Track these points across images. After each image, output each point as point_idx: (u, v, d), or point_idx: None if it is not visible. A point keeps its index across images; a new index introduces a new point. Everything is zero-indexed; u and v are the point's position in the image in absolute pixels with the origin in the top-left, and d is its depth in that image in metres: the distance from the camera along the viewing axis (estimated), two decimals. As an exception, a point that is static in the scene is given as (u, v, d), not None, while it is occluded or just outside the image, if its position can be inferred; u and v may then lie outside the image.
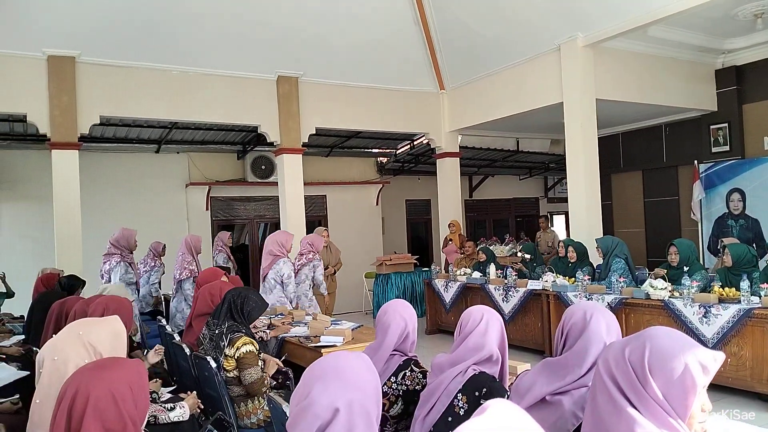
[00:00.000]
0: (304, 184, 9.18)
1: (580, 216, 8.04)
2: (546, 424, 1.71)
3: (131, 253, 5.92)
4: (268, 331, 4.14)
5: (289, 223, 8.89)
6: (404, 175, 13.01)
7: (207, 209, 10.56)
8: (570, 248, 6.90)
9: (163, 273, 7.00)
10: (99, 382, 1.51)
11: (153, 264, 6.71)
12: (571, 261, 6.76)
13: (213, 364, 3.06)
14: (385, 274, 9.52)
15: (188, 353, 3.38)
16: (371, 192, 12.24)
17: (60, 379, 1.71)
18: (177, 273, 5.98)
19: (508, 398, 2.07)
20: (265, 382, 3.17)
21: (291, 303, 5.44)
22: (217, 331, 3.21)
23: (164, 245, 7.22)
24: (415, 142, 11.57)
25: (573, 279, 6.15)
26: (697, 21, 8.00)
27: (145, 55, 7.76)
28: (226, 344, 3.14)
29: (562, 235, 12.21)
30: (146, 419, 2.78)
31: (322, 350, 3.63)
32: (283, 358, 3.60)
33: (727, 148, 9.60)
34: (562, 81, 8.16)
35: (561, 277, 6.29)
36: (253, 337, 3.27)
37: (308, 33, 8.47)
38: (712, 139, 9.81)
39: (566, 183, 15.22)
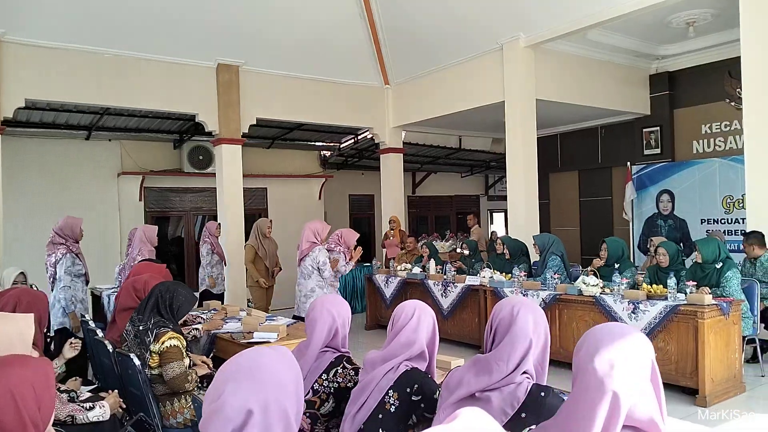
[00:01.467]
0: (244, 176, 8.96)
1: (519, 214, 8.18)
2: (475, 421, 1.68)
3: (77, 242, 5.47)
4: (200, 326, 3.99)
5: (227, 216, 8.66)
6: (348, 170, 12.93)
7: (140, 200, 10.16)
8: (503, 245, 7.08)
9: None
10: (18, 380, 1.39)
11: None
12: (506, 258, 6.88)
13: (136, 362, 2.90)
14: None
15: (111, 350, 3.21)
16: (314, 186, 12.09)
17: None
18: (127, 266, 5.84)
19: (438, 394, 2.04)
20: (189, 378, 3.03)
21: (326, 287, 5.77)
22: (141, 327, 3.05)
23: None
24: (359, 137, 11.51)
25: (510, 275, 6.24)
26: (633, 27, 8.27)
27: (75, 36, 7.36)
28: (151, 340, 2.99)
29: (501, 232, 12.44)
30: (64, 419, 2.63)
31: (255, 346, 3.52)
32: (211, 355, 3.46)
33: (658, 150, 9.99)
34: (504, 80, 8.27)
35: (498, 273, 6.38)
36: (181, 333, 3.13)
37: (251, 21, 8.25)
38: (644, 141, 10.19)
39: (506, 181, 15.55)
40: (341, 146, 12.05)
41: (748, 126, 6.00)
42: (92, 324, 3.92)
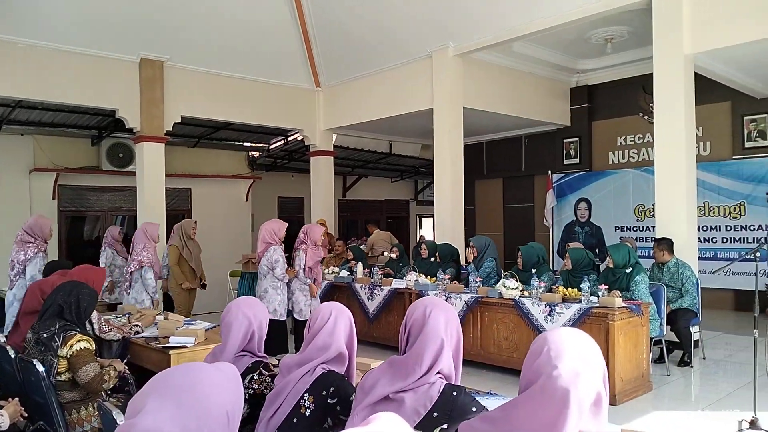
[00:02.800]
0: (167, 175, 8.67)
1: (445, 219, 8.34)
2: (388, 422, 1.69)
3: (45, 242, 5.46)
4: (139, 323, 3.84)
5: (148, 216, 8.33)
6: (277, 172, 12.75)
7: (54, 198, 9.62)
8: (427, 249, 7.32)
9: None
10: None
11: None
12: (437, 261, 7.01)
13: (40, 368, 2.74)
14: (251, 273, 9.19)
15: (12, 356, 3.01)
16: (241, 187, 11.84)
17: None
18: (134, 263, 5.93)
19: (354, 396, 2.04)
20: (106, 377, 2.89)
21: (280, 287, 5.85)
22: (45, 335, 2.88)
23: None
24: (289, 138, 11.38)
25: (435, 278, 6.33)
26: (555, 41, 8.63)
27: (-15, 24, 6.91)
28: (59, 344, 2.83)
29: (429, 236, 12.63)
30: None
31: (170, 351, 3.40)
32: (125, 360, 3.32)
33: (577, 160, 10.45)
34: (433, 88, 8.42)
35: (423, 276, 6.46)
36: (88, 335, 2.98)
37: (177, 15, 8.01)
38: (564, 151, 10.63)
39: (434, 187, 15.78)
40: (270, 147, 11.87)
41: (659, 139, 6.37)
42: (-8, 329, 3.67)
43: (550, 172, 10.55)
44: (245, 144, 11.79)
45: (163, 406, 1.12)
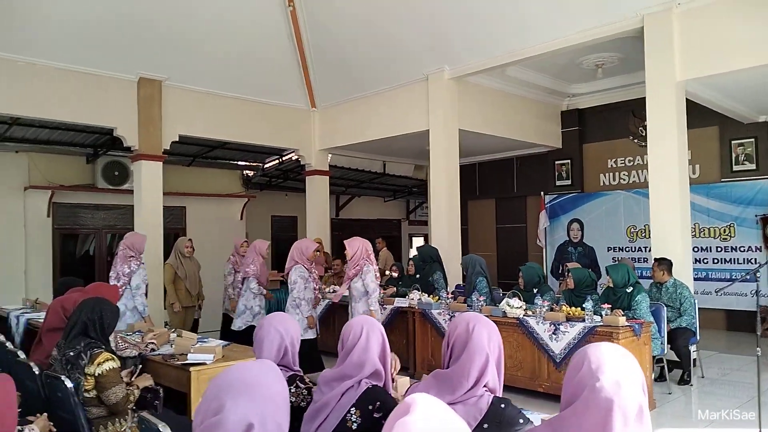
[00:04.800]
0: (163, 194, 8.67)
1: (442, 238, 8.42)
2: (441, 434, 1.75)
3: (141, 255, 6.14)
4: (154, 341, 3.85)
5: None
6: (271, 190, 12.79)
7: (48, 216, 9.56)
8: (411, 264, 7.74)
9: None
10: None
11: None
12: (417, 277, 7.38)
13: (69, 384, 2.75)
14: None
15: (37, 372, 3.02)
16: (235, 206, 11.85)
17: None
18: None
19: (398, 410, 2.09)
20: (131, 398, 2.92)
21: (298, 307, 5.85)
22: (72, 353, 2.89)
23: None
24: (284, 158, 11.45)
25: (437, 297, 6.40)
26: (548, 66, 8.85)
27: (-14, 42, 6.94)
28: (86, 362, 2.85)
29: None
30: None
31: (191, 368, 3.42)
32: (138, 369, 3.32)
33: (569, 182, 10.63)
34: (429, 110, 8.56)
35: (426, 295, 6.53)
36: (114, 353, 3.00)
37: (175, 35, 8.10)
38: (556, 173, 10.82)
39: (426, 207, 15.92)
40: (265, 166, 11.93)
41: (653, 163, 6.53)
42: (9, 345, 3.65)
43: (542, 193, 10.72)
44: (240, 163, 11.85)
45: (240, 402, 1.24)
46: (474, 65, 8.16)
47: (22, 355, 3.35)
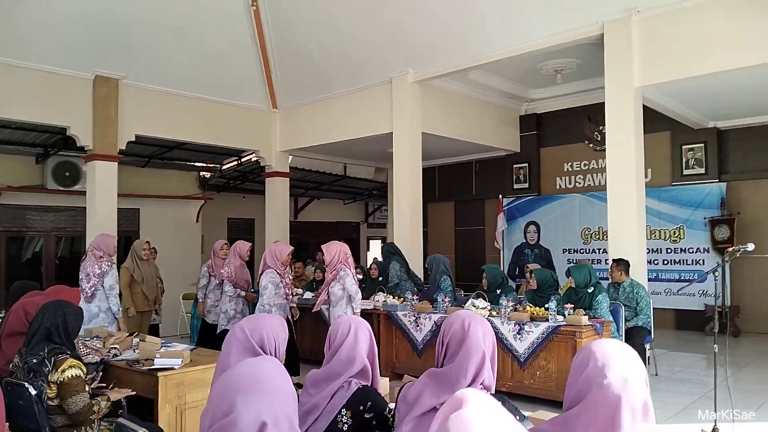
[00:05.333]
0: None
1: (404, 240, 8.43)
2: None
3: (111, 257, 5.96)
4: (116, 346, 3.71)
5: (100, 237, 8.04)
6: (228, 192, 12.57)
7: (-6, 217, 9.14)
8: (374, 267, 7.76)
9: None
10: None
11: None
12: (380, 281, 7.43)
13: (33, 391, 2.62)
14: (207, 295, 9.01)
15: (-5, 380, 2.87)
16: (191, 208, 11.59)
17: None
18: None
19: (389, 411, 2.08)
20: (95, 409, 2.80)
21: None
22: (35, 360, 2.76)
23: None
24: (243, 159, 11.27)
25: (402, 298, 6.41)
26: (508, 71, 9.01)
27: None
28: (50, 369, 2.72)
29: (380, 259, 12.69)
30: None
31: (158, 374, 3.32)
32: (111, 385, 3.19)
33: (526, 185, 10.85)
34: (393, 112, 8.59)
35: (391, 297, 6.54)
36: (80, 359, 2.88)
37: (134, 33, 7.88)
38: (514, 176, 11.03)
39: (385, 210, 15.96)
40: (223, 168, 11.72)
41: (611, 166, 6.71)
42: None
43: (501, 196, 10.90)
44: (197, 164, 11.60)
45: (251, 400, 1.21)
46: (438, 69, 8.23)
47: (-21, 362, 3.18)
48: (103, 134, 8.07)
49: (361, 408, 2.02)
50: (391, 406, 2.12)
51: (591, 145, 10.08)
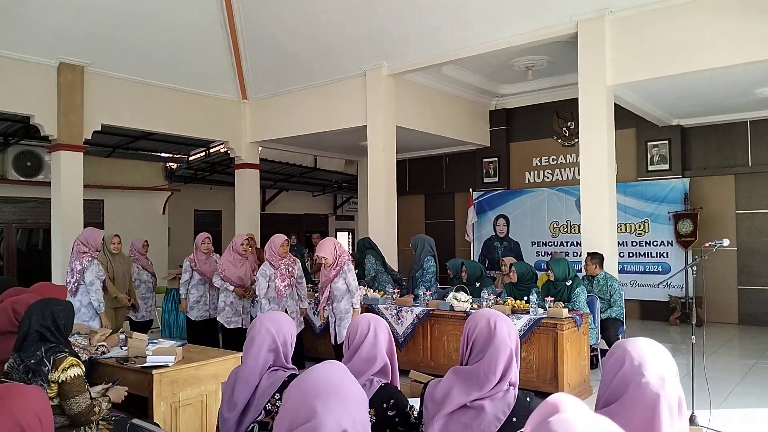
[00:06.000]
0: (78, 186, 8.15)
1: (379, 233, 8.45)
2: (471, 428, 1.78)
3: (97, 251, 5.93)
4: (104, 343, 3.61)
5: (65, 230, 7.81)
6: (195, 184, 12.34)
7: (-50, 209, 8.76)
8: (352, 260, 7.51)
9: None
10: (4, 412, 1.23)
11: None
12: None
13: (31, 393, 2.54)
14: (178, 289, 8.83)
15: (-14, 382, 2.76)
16: (157, 199, 11.36)
17: None
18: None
19: (411, 408, 2.11)
20: (96, 410, 2.73)
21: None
22: (33, 360, 2.67)
23: None
24: (211, 150, 11.08)
25: (382, 292, 6.44)
26: (481, 66, 9.09)
27: None
28: (49, 368, 2.64)
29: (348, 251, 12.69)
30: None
31: (153, 371, 3.26)
32: (117, 381, 3.11)
33: (496, 179, 11.00)
34: (367, 105, 8.57)
35: (371, 290, 6.56)
36: (78, 357, 2.81)
37: (100, 19, 7.64)
38: (484, 170, 11.16)
39: (354, 202, 15.94)
40: (190, 159, 11.49)
41: (584, 161, 6.87)
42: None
43: (471, 189, 11.03)
44: (163, 155, 11.35)
45: (330, 404, 1.21)
46: (413, 63, 8.25)
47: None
48: (68, 123, 7.82)
49: (384, 406, 2.04)
50: (412, 402, 2.14)
51: (559, 140, 10.29)
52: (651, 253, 9.29)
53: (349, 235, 16.53)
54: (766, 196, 8.71)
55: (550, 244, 10.33)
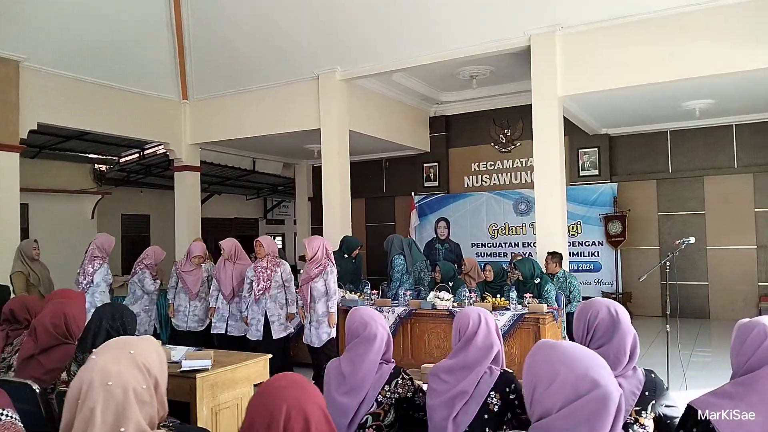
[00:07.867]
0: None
1: (335, 236, 8.50)
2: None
3: (107, 256, 6.40)
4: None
5: (1, 235, 7.24)
6: (125, 187, 11.74)
7: None
8: None
9: None
10: (307, 399, 1.29)
11: None
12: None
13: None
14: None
15: (38, 390, 2.60)
16: (86, 203, 10.73)
17: (119, 408, 1.33)
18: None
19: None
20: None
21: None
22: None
23: None
24: (146, 152, 10.61)
25: (360, 293, 6.53)
26: (428, 73, 9.41)
27: None
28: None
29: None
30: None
31: (196, 375, 3.19)
32: None
33: (436, 183, 11.38)
34: (320, 109, 8.61)
35: (349, 292, 6.62)
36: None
37: (37, 10, 7.17)
38: (424, 175, 11.51)
39: (284, 206, 15.78)
40: (121, 160, 10.94)
41: (538, 166, 7.31)
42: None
43: (413, 193, 11.33)
44: (92, 156, 10.73)
45: (603, 372, 1.46)
46: (366, 69, 8.39)
47: (10, 373, 2.84)
48: (3, 122, 7.26)
49: (507, 390, 2.21)
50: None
51: (496, 146, 10.83)
52: (584, 252, 10.01)
53: (280, 240, 16.33)
54: (685, 200, 9.68)
55: (489, 245, 10.83)
